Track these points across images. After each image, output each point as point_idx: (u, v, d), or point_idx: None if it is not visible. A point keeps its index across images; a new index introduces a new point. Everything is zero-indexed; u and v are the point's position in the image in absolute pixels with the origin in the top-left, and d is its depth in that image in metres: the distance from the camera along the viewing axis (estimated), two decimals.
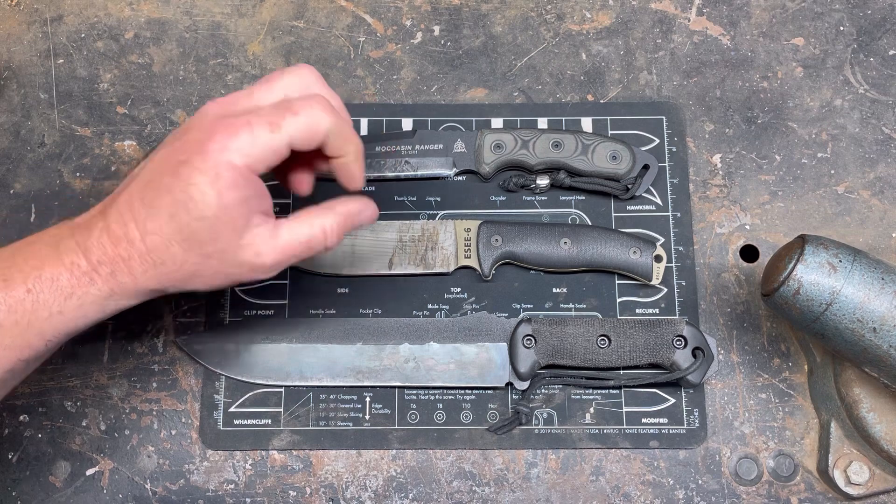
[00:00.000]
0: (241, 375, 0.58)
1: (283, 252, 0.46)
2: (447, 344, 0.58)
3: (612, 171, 0.61)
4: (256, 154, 0.44)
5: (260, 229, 0.45)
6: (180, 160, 0.43)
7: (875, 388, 0.54)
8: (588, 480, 0.57)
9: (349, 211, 0.49)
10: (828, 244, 0.48)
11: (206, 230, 0.43)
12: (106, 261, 0.44)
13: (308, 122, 0.45)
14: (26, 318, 0.43)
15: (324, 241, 0.47)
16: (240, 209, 0.44)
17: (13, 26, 0.67)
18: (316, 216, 0.47)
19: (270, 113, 0.44)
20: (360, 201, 0.49)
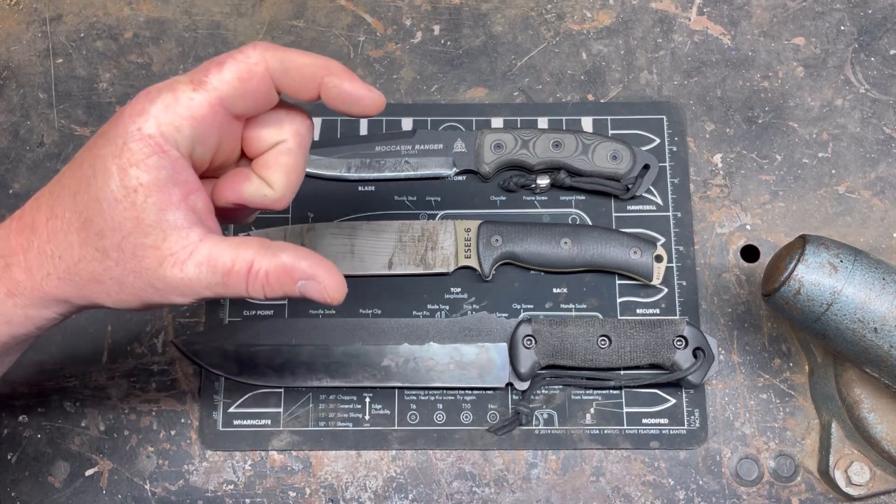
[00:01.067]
0: (240, 376, 0.58)
1: (201, 270, 0.36)
2: (447, 344, 0.58)
3: (612, 170, 0.61)
4: (175, 120, 0.35)
5: (175, 230, 0.36)
6: (101, 131, 0.37)
7: (876, 388, 0.54)
8: (588, 481, 0.57)
9: (297, 267, 0.37)
10: (829, 244, 0.48)
11: (104, 215, 0.35)
12: (4, 252, 0.38)
13: (238, 68, 0.37)
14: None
15: (245, 282, 0.37)
16: (148, 195, 0.35)
17: (12, 26, 0.67)
18: (250, 249, 0.37)
19: (195, 70, 0.37)
20: (321, 266, 0.38)
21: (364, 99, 0.39)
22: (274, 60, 0.37)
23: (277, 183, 0.40)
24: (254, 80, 0.37)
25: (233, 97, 0.37)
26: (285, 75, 0.38)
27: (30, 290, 0.39)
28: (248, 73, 0.37)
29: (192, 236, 0.36)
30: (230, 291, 0.37)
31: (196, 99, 0.36)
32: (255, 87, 0.37)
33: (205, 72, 0.36)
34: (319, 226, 0.61)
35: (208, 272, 0.36)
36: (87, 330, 0.59)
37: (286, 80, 0.38)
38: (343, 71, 0.39)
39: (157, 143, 0.35)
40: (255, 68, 0.37)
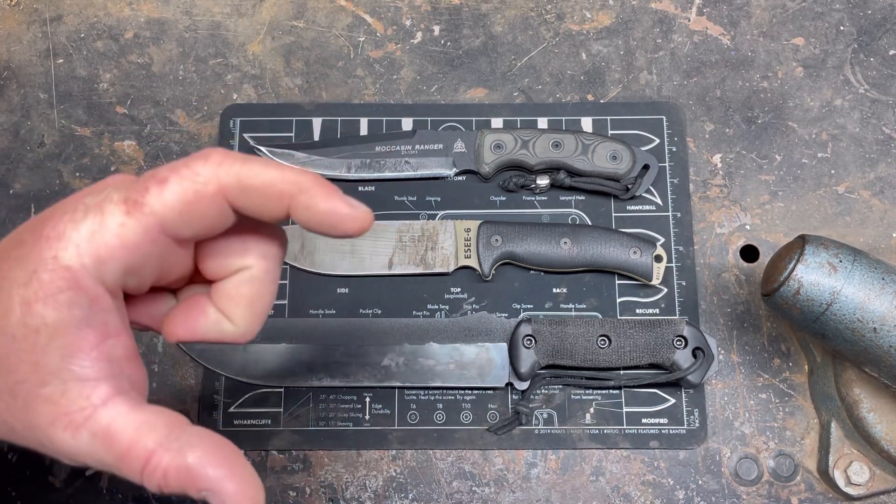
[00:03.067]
0: (241, 375, 0.58)
1: (94, 444, 0.29)
2: (447, 344, 0.58)
3: (612, 171, 0.61)
4: (101, 250, 0.29)
5: (78, 383, 0.29)
6: (16, 238, 0.30)
7: (875, 388, 0.54)
8: (588, 481, 0.57)
9: (202, 474, 0.30)
10: (828, 244, 0.48)
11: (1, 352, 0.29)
12: None
13: (183, 188, 0.29)
14: None
15: (139, 474, 0.29)
16: (52, 338, 0.28)
17: (13, 26, 0.67)
18: (154, 434, 0.30)
19: (129, 186, 0.30)
20: (232, 478, 0.30)
21: (346, 219, 0.31)
22: (229, 178, 0.30)
23: (239, 317, 0.33)
24: (202, 203, 0.30)
25: (176, 223, 0.30)
26: (244, 195, 0.30)
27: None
28: (195, 195, 0.29)
29: (96, 396, 0.29)
30: (123, 474, 0.29)
31: (129, 225, 0.29)
32: (203, 210, 0.30)
33: (143, 190, 0.29)
34: None
35: (102, 448, 0.29)
36: None
37: (245, 201, 0.30)
38: (318, 186, 0.31)
39: (74, 276, 0.28)
40: (205, 189, 0.29)
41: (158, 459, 0.29)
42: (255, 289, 0.33)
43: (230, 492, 0.30)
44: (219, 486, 0.29)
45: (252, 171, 0.30)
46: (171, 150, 0.64)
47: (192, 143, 0.64)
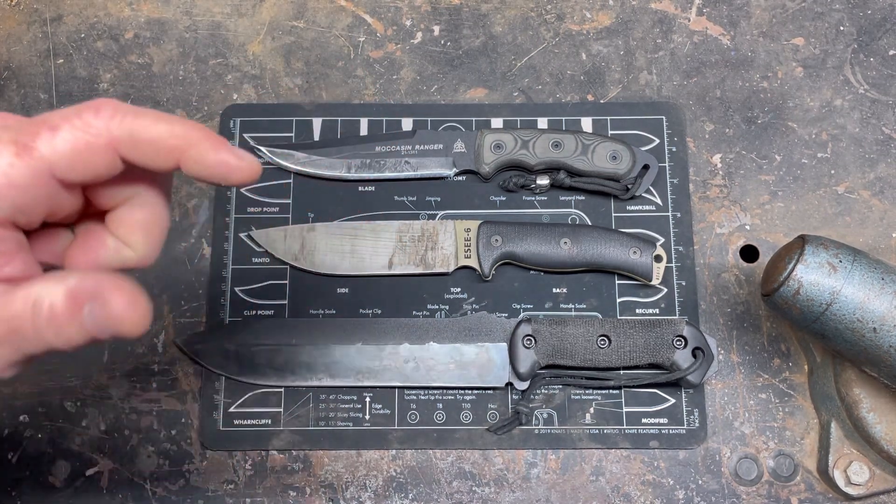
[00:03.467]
0: (241, 376, 0.58)
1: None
2: (447, 344, 0.58)
3: (612, 171, 0.61)
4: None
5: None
6: None
7: (875, 388, 0.54)
8: (588, 480, 0.57)
9: (82, 287, 0.31)
10: (828, 244, 0.48)
11: None
12: None
13: (74, 137, 0.31)
14: None
15: (32, 321, 0.31)
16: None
17: (13, 26, 0.67)
18: (41, 284, 0.31)
19: (21, 128, 0.31)
20: (110, 282, 0.31)
21: (234, 170, 0.33)
22: (120, 131, 0.31)
23: (137, 243, 0.34)
24: (92, 154, 0.31)
25: (64, 169, 0.31)
26: (134, 148, 0.32)
27: None
28: (86, 146, 0.31)
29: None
30: (23, 339, 0.31)
31: (17, 166, 0.30)
32: (93, 159, 0.31)
33: (33, 135, 0.30)
34: (320, 226, 0.61)
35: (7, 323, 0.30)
36: None
37: (135, 154, 0.32)
38: (207, 139, 0.32)
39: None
40: (96, 140, 0.31)
41: (52, 303, 0.30)
42: (149, 212, 0.34)
43: (112, 294, 0.31)
44: (98, 289, 0.31)
45: (142, 126, 0.31)
46: None
47: None
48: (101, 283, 0.31)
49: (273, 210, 0.62)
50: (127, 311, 0.31)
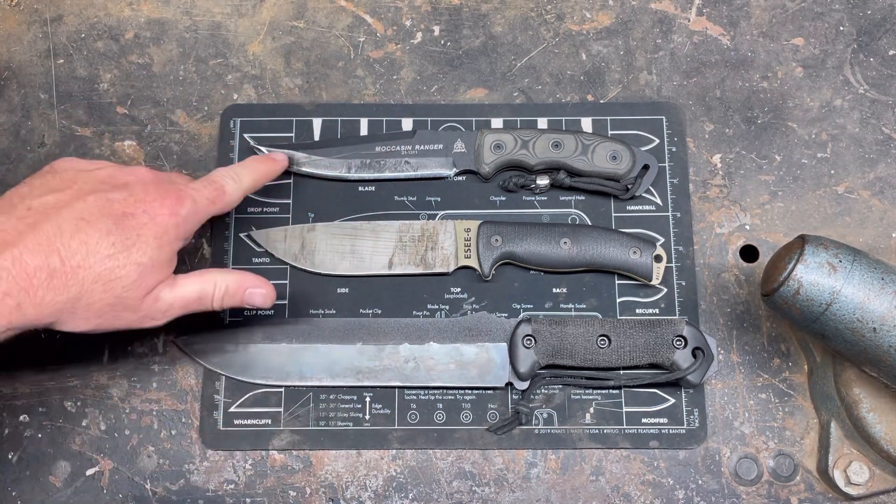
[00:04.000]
0: (241, 375, 0.58)
1: (179, 299, 0.50)
2: (447, 344, 0.58)
3: (612, 171, 0.61)
4: (192, 223, 0.50)
5: (167, 280, 0.50)
6: (125, 212, 0.48)
7: (875, 388, 0.54)
8: (588, 480, 0.57)
9: (247, 281, 0.53)
10: (828, 244, 0.48)
11: (135, 274, 0.47)
12: (14, 292, 0.43)
13: (231, 201, 0.54)
14: None
15: (212, 295, 0.52)
16: (167, 261, 0.49)
17: (13, 26, 0.67)
18: (216, 273, 0.52)
19: (205, 188, 0.52)
20: (259, 279, 0.54)
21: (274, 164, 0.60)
22: (249, 183, 0.56)
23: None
24: (229, 208, 0.55)
25: (218, 213, 0.54)
26: (252, 189, 0.57)
27: (31, 320, 0.44)
28: (232, 203, 0.55)
29: (173, 278, 0.51)
30: (203, 305, 0.52)
31: (208, 213, 0.53)
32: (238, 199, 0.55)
33: (220, 195, 0.53)
34: (320, 226, 0.61)
35: (187, 297, 0.51)
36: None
37: (251, 190, 0.58)
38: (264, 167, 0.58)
39: (179, 234, 0.50)
40: (234, 202, 0.55)
41: (224, 283, 0.52)
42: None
43: (261, 290, 0.54)
44: (258, 284, 0.54)
45: (256, 180, 0.57)
46: (172, 151, 0.64)
47: (192, 143, 0.64)
48: (254, 277, 0.54)
49: (273, 210, 0.62)
50: (266, 296, 0.54)
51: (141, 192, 0.49)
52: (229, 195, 0.53)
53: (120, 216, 0.47)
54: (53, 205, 0.47)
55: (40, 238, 0.45)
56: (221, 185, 0.53)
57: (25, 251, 0.44)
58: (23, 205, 0.47)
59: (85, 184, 0.49)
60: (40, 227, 0.45)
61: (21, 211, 0.46)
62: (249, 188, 0.56)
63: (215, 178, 0.53)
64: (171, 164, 0.63)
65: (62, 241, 0.45)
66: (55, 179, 0.49)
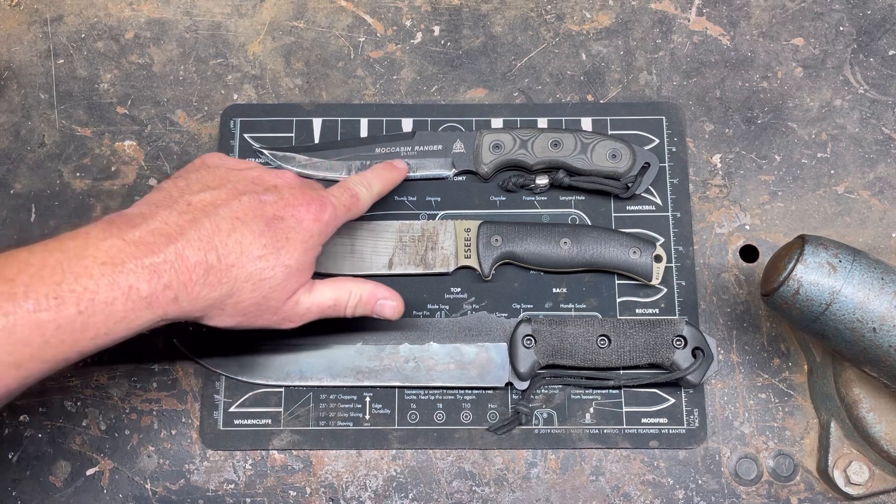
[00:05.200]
0: (241, 375, 0.58)
1: (315, 305, 0.52)
2: (447, 344, 0.58)
3: (611, 169, 0.61)
4: (331, 229, 0.52)
5: (307, 284, 0.51)
6: (276, 214, 0.49)
7: (875, 388, 0.54)
8: (588, 480, 0.57)
9: (379, 292, 0.54)
10: (827, 244, 0.48)
11: (282, 276, 0.48)
12: (175, 284, 0.45)
13: (363, 207, 0.55)
14: (73, 337, 0.42)
15: (346, 303, 0.53)
16: (309, 265, 0.50)
17: (13, 26, 0.67)
18: (351, 283, 0.53)
19: (343, 195, 0.53)
20: (390, 291, 0.55)
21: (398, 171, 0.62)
22: (379, 189, 0.58)
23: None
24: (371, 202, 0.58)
25: (351, 218, 0.55)
26: (379, 195, 0.59)
27: (185, 312, 0.46)
28: (364, 209, 0.56)
29: (311, 283, 0.52)
30: (337, 312, 0.53)
31: (347, 218, 0.54)
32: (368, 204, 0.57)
33: (354, 202, 0.54)
34: None
35: (323, 303, 0.52)
36: None
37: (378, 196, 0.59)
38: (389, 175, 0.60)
39: (321, 240, 0.51)
40: (366, 207, 0.56)
41: (359, 293, 0.53)
42: None
43: (391, 303, 0.55)
44: (389, 296, 0.55)
45: (385, 187, 0.59)
46: (172, 151, 0.64)
47: (192, 144, 0.64)
48: (385, 289, 0.54)
49: None
50: (396, 308, 0.55)
51: (289, 196, 0.50)
52: (362, 202, 0.55)
53: (271, 219, 0.49)
54: (211, 202, 0.48)
55: (201, 234, 0.46)
56: (356, 192, 0.54)
57: (187, 246, 0.45)
58: (183, 200, 0.48)
59: (238, 183, 0.50)
60: (200, 223, 0.46)
61: (182, 206, 0.47)
62: (377, 195, 0.57)
63: (350, 185, 0.55)
64: (171, 165, 0.64)
65: (220, 239, 0.46)
66: (209, 176, 0.51)
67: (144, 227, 0.45)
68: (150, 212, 0.47)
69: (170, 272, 0.44)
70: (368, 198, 0.56)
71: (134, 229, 0.45)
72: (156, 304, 0.44)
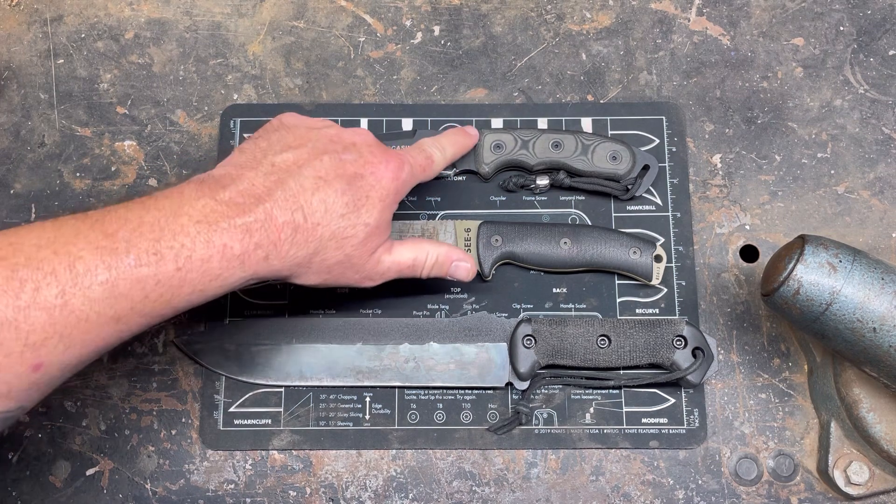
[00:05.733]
0: (241, 375, 0.58)
1: (395, 264, 0.53)
2: (447, 344, 0.58)
3: (612, 171, 0.61)
4: (407, 188, 0.53)
5: (385, 244, 0.52)
6: (357, 173, 0.50)
7: (875, 388, 0.54)
8: (588, 480, 0.57)
9: (454, 254, 0.55)
10: (828, 244, 0.48)
11: (363, 234, 0.49)
12: (265, 244, 0.46)
13: (437, 170, 0.56)
14: (171, 292, 0.43)
15: (423, 263, 0.54)
16: (387, 224, 0.51)
17: (13, 26, 0.67)
18: (427, 243, 0.55)
19: (419, 156, 0.55)
20: (464, 253, 0.56)
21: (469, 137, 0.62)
22: (452, 153, 0.59)
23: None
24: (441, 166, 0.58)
25: (424, 180, 0.56)
26: (452, 159, 0.60)
27: (275, 270, 0.47)
28: (438, 171, 0.57)
29: (390, 243, 0.53)
30: (414, 271, 0.54)
31: (421, 178, 0.55)
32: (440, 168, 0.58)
33: (429, 162, 0.56)
34: None
35: (402, 263, 0.53)
36: None
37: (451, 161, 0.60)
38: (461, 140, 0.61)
39: (397, 198, 0.52)
40: (440, 169, 0.58)
41: (436, 254, 0.55)
42: None
43: (465, 265, 0.56)
44: (463, 258, 0.56)
45: (457, 151, 0.60)
46: (172, 151, 0.64)
47: (192, 144, 0.64)
48: (460, 251, 0.56)
49: None
50: (469, 270, 0.56)
51: (368, 155, 0.51)
52: (436, 164, 0.56)
53: (352, 177, 0.49)
54: (293, 162, 0.49)
55: (287, 194, 0.47)
56: (431, 154, 0.55)
57: (275, 206, 0.46)
58: (266, 161, 0.49)
59: (318, 142, 0.50)
60: (286, 183, 0.47)
61: (266, 167, 0.48)
62: (450, 159, 0.58)
63: (425, 147, 0.56)
64: (171, 165, 0.64)
65: (305, 199, 0.47)
66: (290, 136, 0.51)
67: (234, 188, 0.46)
68: (237, 173, 0.47)
69: (260, 231, 0.45)
70: (442, 161, 0.57)
71: (224, 190, 0.46)
72: (248, 263, 0.45)
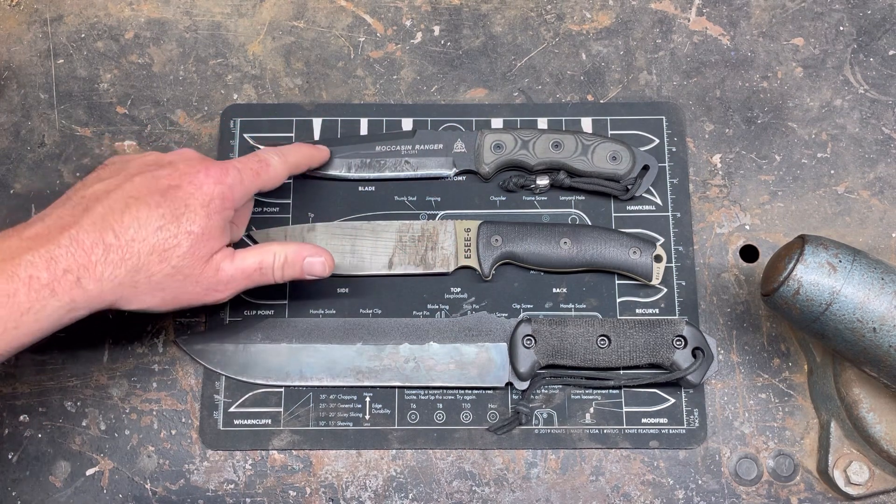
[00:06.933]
0: (241, 375, 0.58)
1: (239, 271, 0.52)
2: (447, 344, 0.58)
3: (612, 171, 0.61)
4: (240, 193, 0.52)
5: (224, 251, 0.51)
6: (171, 185, 0.49)
7: (875, 388, 0.54)
8: (588, 480, 0.57)
9: (304, 250, 0.54)
10: (828, 244, 0.48)
11: (188, 243, 0.49)
12: (74, 268, 0.46)
13: (275, 175, 0.55)
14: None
15: (272, 265, 0.53)
16: (219, 231, 0.50)
17: (13, 26, 0.67)
18: (275, 245, 0.54)
19: (250, 161, 0.54)
20: (318, 248, 0.55)
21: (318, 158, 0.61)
22: (294, 161, 0.58)
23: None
24: (276, 186, 0.57)
25: (265, 188, 0.55)
26: (294, 171, 0.59)
27: (94, 296, 0.47)
28: (278, 180, 0.56)
29: (231, 251, 0.52)
30: (265, 277, 0.53)
31: (254, 184, 0.54)
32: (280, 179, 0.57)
33: (264, 168, 0.54)
34: (320, 226, 0.61)
35: (248, 268, 0.52)
36: (88, 330, 0.59)
37: (293, 172, 0.60)
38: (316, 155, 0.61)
39: (226, 203, 0.51)
40: (281, 179, 0.56)
41: (284, 253, 0.53)
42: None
43: (318, 259, 0.55)
44: (315, 253, 0.55)
45: (297, 161, 0.58)
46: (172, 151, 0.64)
47: (192, 143, 0.64)
48: (312, 247, 0.55)
49: (273, 210, 0.62)
50: (325, 263, 0.55)
51: (185, 167, 0.51)
52: (273, 168, 0.55)
53: (166, 189, 0.49)
54: (104, 190, 0.49)
55: (94, 217, 0.47)
56: (265, 158, 0.55)
57: (81, 230, 0.46)
58: (76, 196, 0.49)
59: (131, 168, 0.51)
60: (93, 209, 0.48)
61: (76, 200, 0.49)
62: (294, 165, 0.57)
63: (260, 153, 0.55)
64: None
65: (114, 218, 0.47)
66: (105, 171, 0.52)
67: (40, 224, 0.47)
68: (47, 212, 0.48)
69: (67, 257, 0.45)
70: (281, 165, 0.55)
71: (30, 227, 0.47)
72: (59, 290, 0.45)
